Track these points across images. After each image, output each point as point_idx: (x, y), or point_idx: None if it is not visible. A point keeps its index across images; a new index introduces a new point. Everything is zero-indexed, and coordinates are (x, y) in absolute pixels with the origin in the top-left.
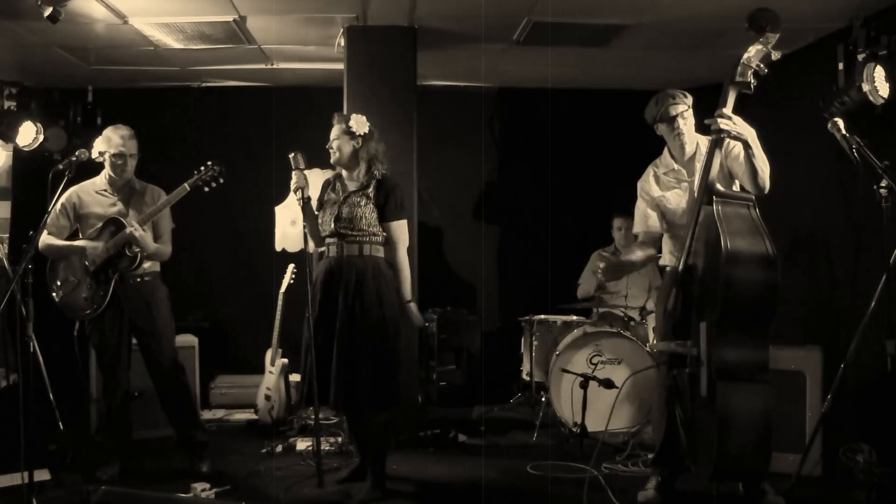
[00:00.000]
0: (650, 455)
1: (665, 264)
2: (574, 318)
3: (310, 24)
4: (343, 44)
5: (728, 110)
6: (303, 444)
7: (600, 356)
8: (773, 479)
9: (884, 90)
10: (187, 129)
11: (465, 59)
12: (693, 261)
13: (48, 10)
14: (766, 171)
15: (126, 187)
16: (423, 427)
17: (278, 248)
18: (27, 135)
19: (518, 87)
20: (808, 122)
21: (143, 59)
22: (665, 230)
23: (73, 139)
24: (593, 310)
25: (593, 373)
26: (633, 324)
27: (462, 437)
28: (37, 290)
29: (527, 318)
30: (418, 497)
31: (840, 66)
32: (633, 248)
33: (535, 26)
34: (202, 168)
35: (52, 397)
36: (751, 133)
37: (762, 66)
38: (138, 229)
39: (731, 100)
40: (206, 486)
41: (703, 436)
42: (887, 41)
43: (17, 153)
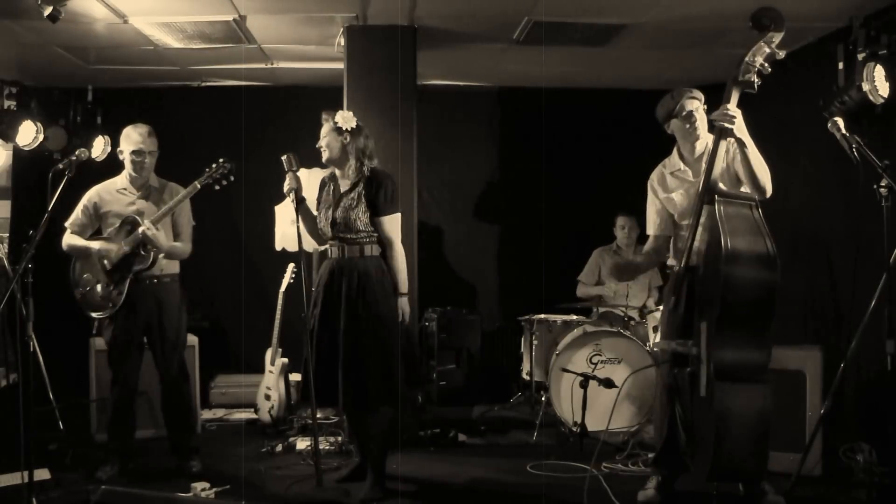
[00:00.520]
0: (650, 454)
1: (672, 264)
2: (574, 317)
3: (310, 24)
4: (343, 43)
5: (732, 109)
6: (302, 444)
7: (600, 356)
8: (773, 478)
9: (884, 90)
10: (187, 129)
11: (466, 59)
12: (696, 260)
13: (48, 10)
14: (763, 174)
15: (146, 185)
16: (423, 427)
17: (278, 247)
18: (27, 134)
19: (518, 86)
20: (807, 122)
21: (143, 58)
22: (670, 232)
23: (72, 138)
24: (593, 309)
25: (593, 372)
26: (633, 323)
27: (462, 437)
28: (36, 290)
29: (527, 317)
30: (418, 497)
31: (840, 65)
32: (645, 249)
33: (535, 26)
34: (213, 166)
35: (52, 396)
36: (745, 134)
37: (766, 65)
38: (151, 228)
39: (734, 99)
40: (205, 485)
41: (701, 435)
42: (887, 41)
43: (17, 153)
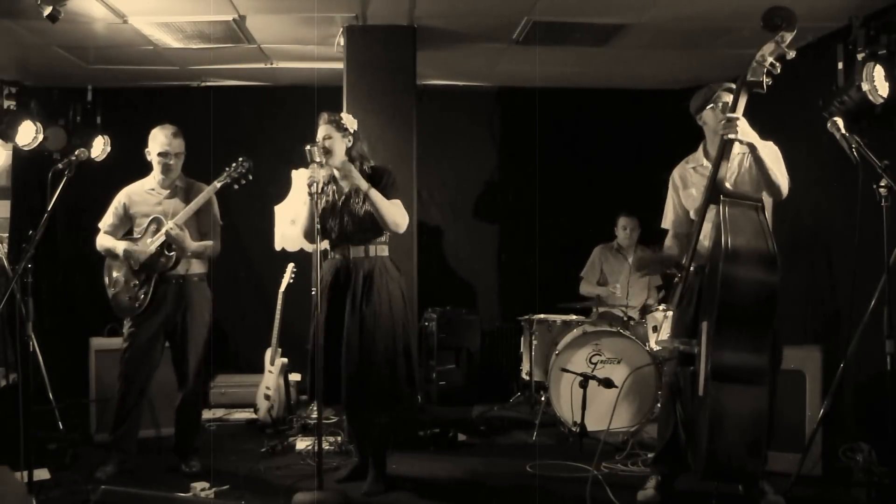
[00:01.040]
0: (650, 454)
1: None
2: (573, 317)
3: (309, 24)
4: (342, 43)
5: (739, 111)
6: (302, 444)
7: (600, 355)
8: (772, 478)
9: (883, 90)
10: (186, 129)
11: (465, 59)
12: (702, 259)
13: (48, 10)
14: (778, 174)
15: (173, 185)
16: (423, 426)
17: (278, 247)
18: (27, 134)
19: (518, 86)
20: (807, 122)
21: (142, 58)
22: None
23: (72, 138)
24: (593, 309)
25: (593, 372)
26: (632, 323)
27: (462, 437)
28: (36, 290)
29: (526, 317)
30: (418, 497)
31: (840, 65)
32: (666, 244)
33: (535, 26)
34: (232, 165)
35: (51, 396)
36: (755, 136)
37: (777, 64)
38: (175, 228)
39: (742, 101)
40: (205, 485)
41: (698, 434)
42: (887, 41)
43: (17, 152)
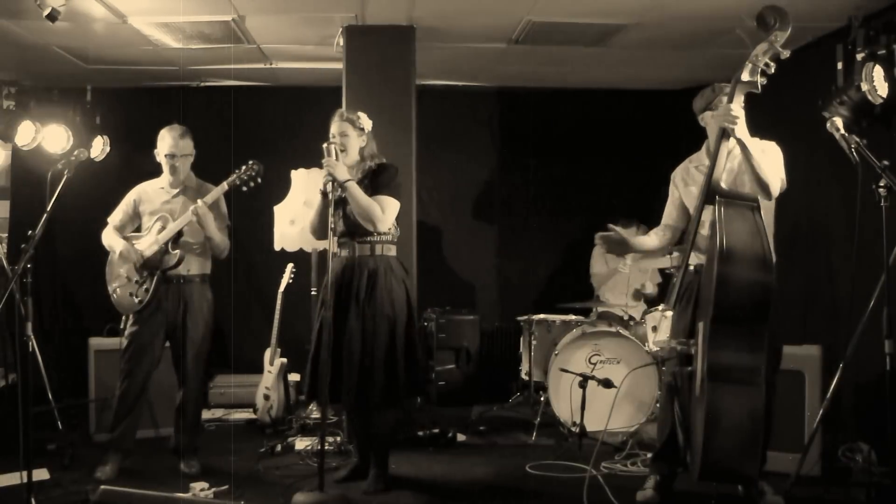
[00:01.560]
0: (649, 454)
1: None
2: (573, 317)
3: (308, 24)
4: (342, 43)
5: (736, 109)
6: (301, 444)
7: (599, 356)
8: (772, 478)
9: (882, 90)
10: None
11: (464, 59)
12: (696, 259)
13: (47, 10)
14: (769, 174)
15: (182, 185)
16: (423, 427)
17: (277, 247)
18: (26, 134)
19: (517, 86)
20: (806, 122)
21: (141, 58)
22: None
23: (71, 139)
24: (592, 309)
25: (592, 372)
26: (632, 323)
27: (461, 437)
28: (36, 291)
29: (526, 317)
30: (417, 496)
31: (839, 65)
32: (653, 230)
33: (534, 26)
34: (243, 167)
35: (50, 396)
36: (745, 133)
37: (771, 64)
38: (203, 207)
39: (738, 99)
40: (204, 485)
41: (695, 434)
42: (886, 41)
43: (16, 152)
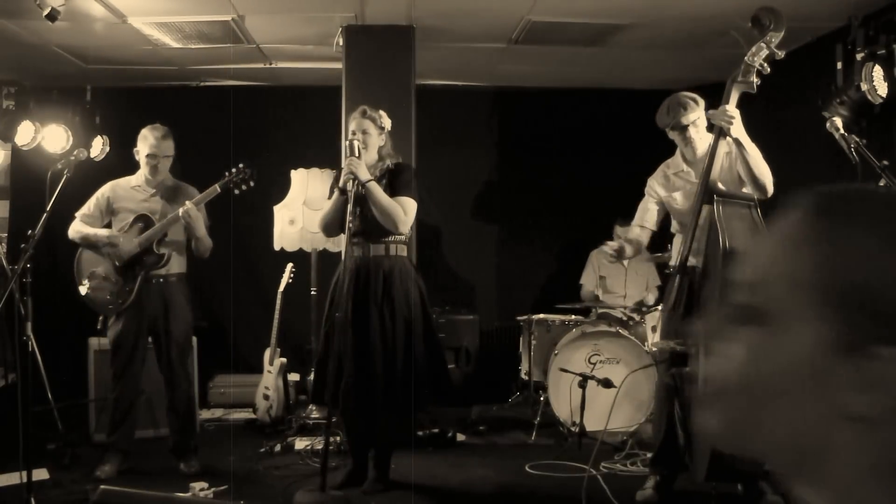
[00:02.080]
0: (648, 454)
1: (674, 264)
2: (572, 317)
3: (308, 24)
4: (341, 43)
5: (731, 109)
6: (301, 444)
7: (599, 356)
8: (771, 478)
9: (882, 89)
10: (186, 129)
11: (464, 59)
12: (694, 260)
13: (47, 10)
14: (764, 173)
15: (160, 185)
16: (423, 427)
17: (277, 247)
18: (26, 134)
19: (516, 86)
20: (806, 122)
21: (141, 58)
22: (676, 230)
23: (71, 138)
24: (592, 309)
25: (592, 372)
26: (631, 323)
27: (460, 437)
28: (36, 290)
29: (525, 317)
30: (417, 496)
31: (839, 65)
32: (628, 236)
33: (534, 26)
34: (233, 170)
35: (50, 396)
36: (743, 133)
37: (765, 65)
38: (194, 208)
39: (733, 99)
40: (204, 485)
41: (700, 435)
42: (886, 40)
43: (16, 152)
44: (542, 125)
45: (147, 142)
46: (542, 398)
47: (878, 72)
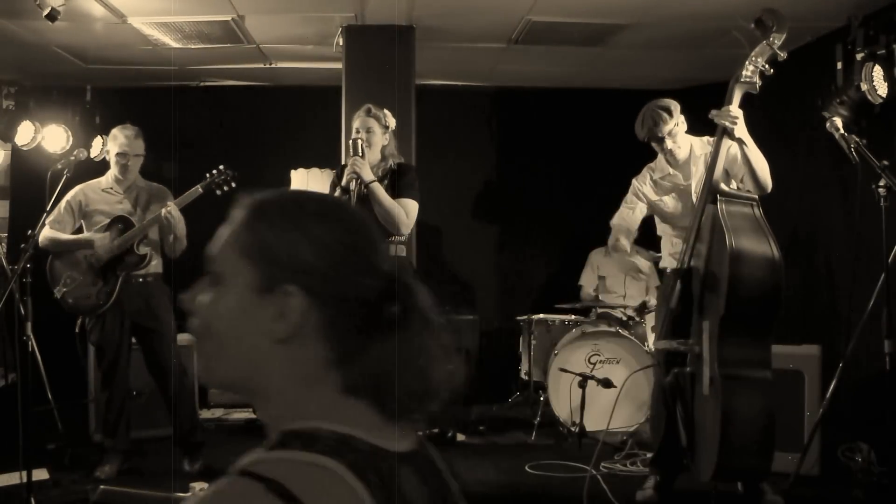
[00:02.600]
0: (648, 454)
1: (665, 266)
2: (572, 317)
3: (308, 24)
4: (341, 43)
5: (734, 109)
6: None
7: (599, 356)
8: (771, 478)
9: (882, 89)
10: (185, 129)
11: (464, 59)
12: (696, 260)
13: (47, 10)
14: (763, 169)
15: (132, 186)
16: (421, 427)
17: None
18: (26, 134)
19: (516, 86)
20: (806, 122)
21: (141, 58)
22: (662, 232)
23: (71, 138)
24: (592, 309)
25: (591, 372)
26: (631, 323)
27: (460, 437)
28: (36, 290)
29: (525, 317)
30: None
31: (839, 65)
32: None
33: (534, 25)
34: (214, 172)
35: (50, 396)
36: (745, 133)
37: (768, 65)
38: (176, 210)
39: (736, 99)
40: (204, 485)
41: (703, 434)
42: (886, 40)
43: (16, 152)
44: (542, 125)
45: (117, 141)
46: (542, 398)
47: (877, 72)
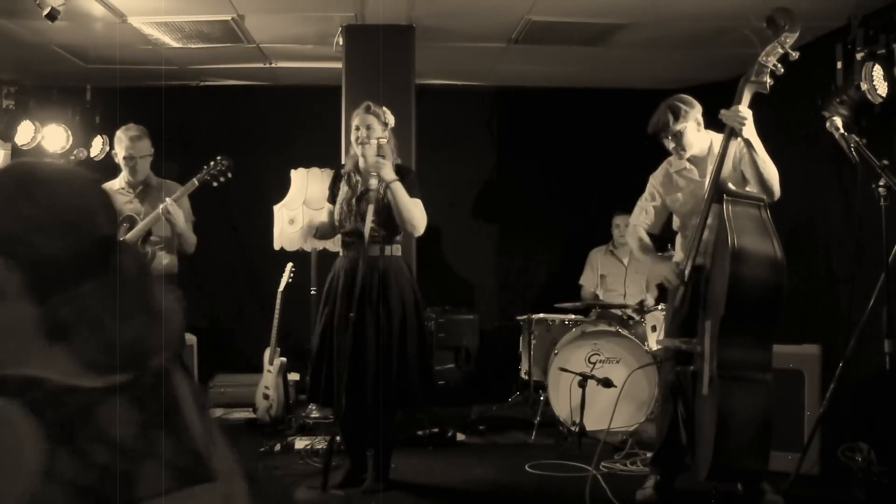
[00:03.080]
0: (649, 454)
1: (678, 261)
2: (573, 317)
3: (308, 23)
4: (341, 42)
5: (744, 110)
6: (301, 443)
7: (599, 355)
8: (771, 478)
9: (882, 89)
10: (186, 129)
11: (464, 59)
12: (702, 259)
13: (46, 9)
14: (772, 175)
15: (143, 185)
16: (422, 426)
17: (276, 246)
18: (26, 134)
19: (516, 86)
20: (806, 121)
21: (141, 57)
22: (677, 228)
23: (71, 138)
24: (592, 309)
25: (592, 372)
26: (631, 323)
27: (460, 437)
28: None
29: (525, 317)
30: (416, 496)
31: (839, 64)
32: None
33: (534, 25)
34: (211, 163)
35: None
36: (754, 134)
37: (779, 65)
38: (173, 205)
39: (746, 99)
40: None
41: (701, 434)
42: (886, 40)
43: (16, 152)
44: (542, 125)
45: (122, 144)
46: (542, 398)
47: (877, 71)
